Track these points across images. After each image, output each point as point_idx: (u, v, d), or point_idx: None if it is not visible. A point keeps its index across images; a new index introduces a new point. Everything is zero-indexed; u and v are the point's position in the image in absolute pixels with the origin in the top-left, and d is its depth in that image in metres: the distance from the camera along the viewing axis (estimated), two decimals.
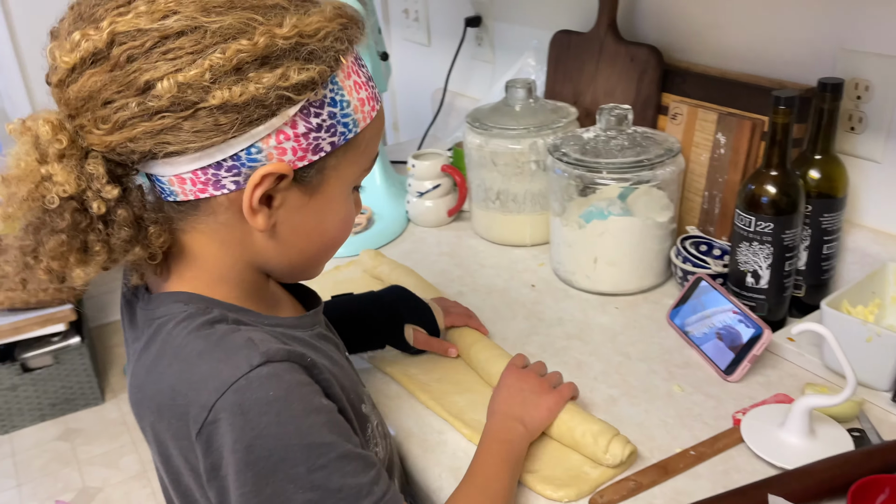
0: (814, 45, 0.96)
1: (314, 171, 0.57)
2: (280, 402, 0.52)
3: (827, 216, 0.91)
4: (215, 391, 0.51)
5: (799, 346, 0.88)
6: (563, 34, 1.27)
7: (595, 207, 1.01)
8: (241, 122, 0.52)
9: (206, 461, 0.53)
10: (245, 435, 0.51)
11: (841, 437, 0.74)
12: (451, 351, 0.90)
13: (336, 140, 0.56)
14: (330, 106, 0.55)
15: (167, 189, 0.56)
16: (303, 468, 0.52)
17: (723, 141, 1.03)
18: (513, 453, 0.71)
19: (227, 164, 0.54)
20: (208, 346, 0.54)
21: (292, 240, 0.60)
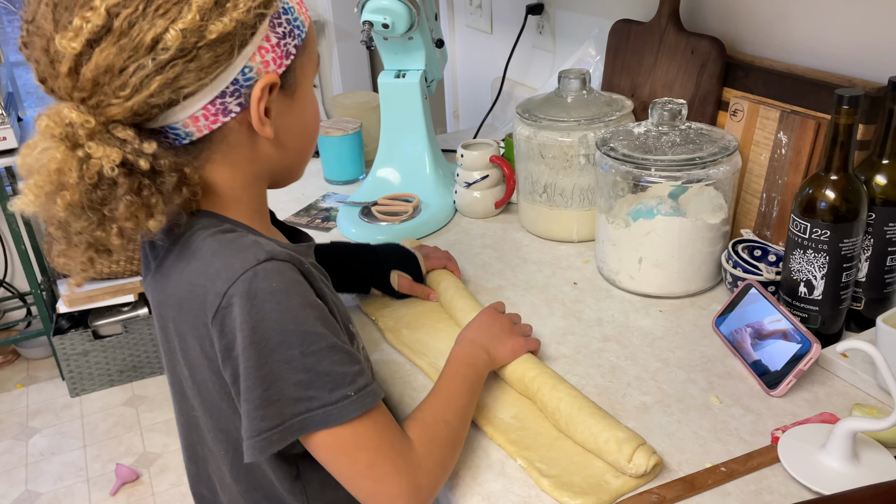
0: (887, 41, 0.89)
1: (290, 75, 0.65)
2: (281, 293, 0.59)
3: (893, 225, 0.84)
4: (227, 280, 0.59)
5: (852, 363, 0.83)
6: (624, 23, 1.23)
7: (644, 206, 0.97)
8: (233, 48, 0.59)
9: (220, 343, 0.60)
10: (251, 317, 0.58)
11: (888, 464, 0.69)
12: (430, 296, 1.00)
13: (297, 42, 0.64)
14: (284, 14, 0.63)
15: (182, 133, 0.62)
16: (297, 351, 0.59)
17: (784, 140, 0.97)
18: (475, 376, 0.78)
19: (229, 90, 0.61)
20: (221, 247, 0.62)
21: (289, 141, 0.68)
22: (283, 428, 0.60)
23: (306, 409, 0.60)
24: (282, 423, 0.60)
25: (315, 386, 0.60)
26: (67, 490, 2.04)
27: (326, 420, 0.60)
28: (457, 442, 0.72)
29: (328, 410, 0.60)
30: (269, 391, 0.59)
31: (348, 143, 1.45)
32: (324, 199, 1.41)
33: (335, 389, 0.61)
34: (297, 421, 0.60)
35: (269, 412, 0.60)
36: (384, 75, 1.32)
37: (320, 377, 0.60)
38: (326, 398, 0.60)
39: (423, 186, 1.31)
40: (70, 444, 2.21)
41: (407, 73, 1.31)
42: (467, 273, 1.10)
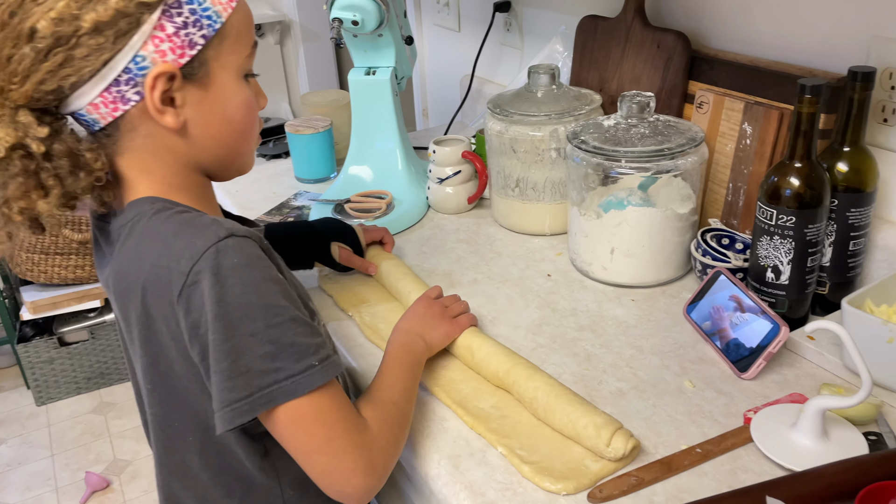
0: (847, 33, 0.92)
1: (198, 65, 0.65)
2: (244, 268, 0.62)
3: (854, 211, 0.87)
4: (191, 258, 0.61)
5: (819, 345, 0.85)
6: (590, 19, 1.24)
7: (614, 197, 0.99)
8: (116, 37, 0.60)
9: (186, 321, 0.62)
10: (216, 292, 0.60)
11: (855, 441, 0.71)
12: (370, 268, 1.04)
13: (206, 33, 0.64)
14: (188, 4, 0.63)
15: (90, 119, 0.65)
16: (261, 324, 0.61)
17: (749, 131, 1.00)
18: (415, 362, 0.81)
19: (123, 78, 0.62)
20: (181, 227, 0.64)
21: (208, 132, 0.68)
22: (252, 399, 0.61)
23: (273, 381, 0.62)
24: (250, 394, 0.61)
25: (281, 357, 0.62)
26: (36, 500, 2.00)
27: (294, 390, 0.62)
28: (405, 422, 0.75)
29: (295, 380, 0.62)
30: (237, 363, 0.61)
31: (319, 142, 1.45)
32: (295, 198, 1.40)
33: (300, 360, 0.63)
34: (267, 392, 0.62)
35: (238, 383, 0.61)
36: (354, 73, 1.32)
37: (285, 348, 0.62)
38: (293, 368, 0.62)
39: (396, 183, 1.32)
40: (37, 454, 2.16)
41: (377, 71, 1.31)
42: (442, 267, 1.11)
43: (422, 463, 0.76)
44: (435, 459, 0.75)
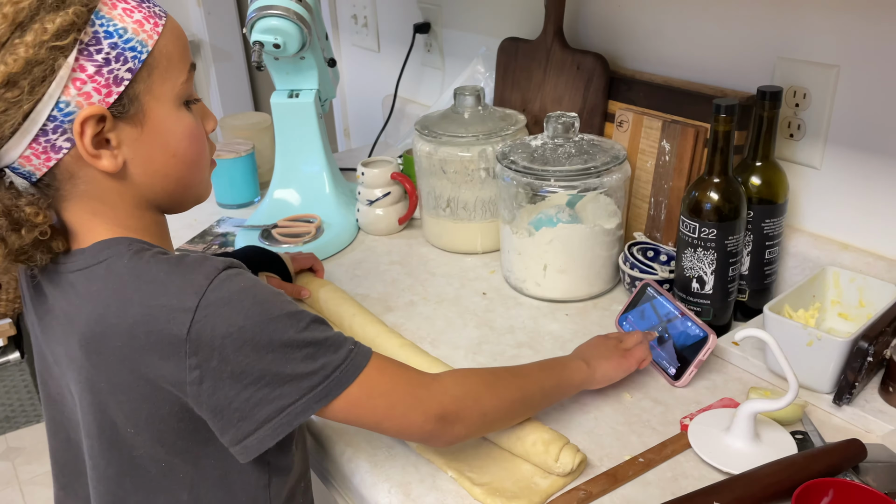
0: (753, 54, 0.98)
1: (128, 102, 0.61)
2: (251, 290, 0.61)
3: (768, 221, 0.93)
4: (195, 294, 0.58)
5: (743, 350, 0.90)
6: (511, 41, 1.27)
7: (544, 215, 1.02)
8: (31, 87, 0.56)
9: (195, 358, 0.58)
10: (235, 319, 0.59)
11: (785, 441, 0.75)
12: (303, 293, 1.03)
13: (132, 66, 0.60)
14: (107, 38, 0.59)
15: (26, 172, 0.61)
16: (292, 332, 0.61)
17: (667, 148, 1.04)
18: (563, 375, 0.80)
19: (49, 127, 0.59)
20: (171, 267, 0.61)
21: (152, 168, 0.65)
22: (305, 401, 0.61)
23: (323, 377, 0.62)
24: (301, 396, 0.61)
25: (321, 355, 0.62)
26: None
27: (345, 379, 0.63)
28: (502, 389, 0.73)
29: (343, 369, 0.63)
30: (281, 375, 0.60)
31: (241, 166, 1.41)
32: (218, 224, 1.37)
33: (338, 349, 0.63)
34: (320, 389, 0.62)
35: (286, 391, 0.60)
36: (277, 95, 1.30)
37: (321, 345, 0.62)
38: (336, 359, 0.63)
39: (324, 206, 1.30)
40: None
41: (300, 93, 1.29)
42: (377, 290, 1.11)
43: (371, 493, 0.75)
44: (385, 488, 0.74)
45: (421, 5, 1.56)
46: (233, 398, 0.60)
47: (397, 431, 0.68)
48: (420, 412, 0.66)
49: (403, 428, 0.67)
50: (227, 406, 0.60)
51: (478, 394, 0.71)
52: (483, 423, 0.71)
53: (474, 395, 0.70)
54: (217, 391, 0.60)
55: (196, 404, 0.61)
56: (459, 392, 0.70)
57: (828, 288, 0.91)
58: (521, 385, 0.75)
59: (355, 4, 1.78)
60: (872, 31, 0.86)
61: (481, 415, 0.70)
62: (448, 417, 0.67)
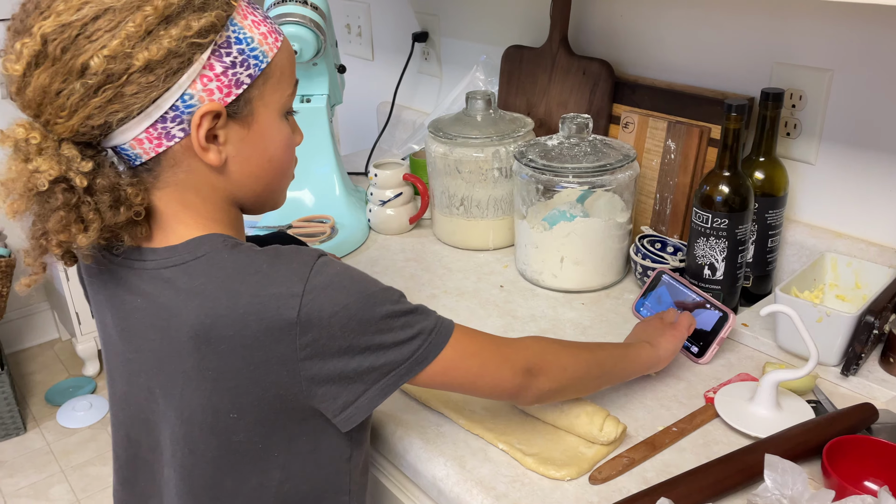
0: (751, 60, 1.07)
1: (242, 104, 0.66)
2: (346, 272, 0.66)
3: (771, 213, 1.01)
4: (300, 280, 0.63)
5: (753, 331, 0.97)
6: (515, 49, 1.34)
7: (558, 210, 1.08)
8: (166, 75, 0.61)
9: (305, 337, 0.63)
10: (338, 300, 0.63)
11: (803, 408, 0.83)
12: None
13: (252, 72, 0.66)
14: (237, 44, 0.64)
15: (132, 154, 0.65)
16: (389, 304, 0.66)
17: (672, 147, 1.12)
18: (631, 352, 0.85)
19: (169, 115, 0.63)
20: (271, 258, 0.65)
21: (247, 170, 0.69)
22: (410, 363, 0.67)
23: (423, 341, 0.67)
24: (405, 359, 0.67)
25: (415, 323, 0.67)
26: None
27: (440, 341, 0.68)
28: (583, 357, 0.79)
29: (437, 331, 0.68)
30: (384, 343, 0.65)
31: None
32: None
33: (428, 316, 0.69)
34: (420, 353, 0.67)
35: (391, 357, 0.66)
36: None
37: (413, 313, 0.68)
38: (429, 325, 0.68)
39: (336, 207, 1.34)
40: None
41: (312, 98, 1.33)
42: (398, 285, 1.13)
43: (427, 467, 0.79)
44: (441, 462, 0.79)
45: (418, 15, 1.62)
46: (342, 367, 0.64)
47: (491, 389, 0.73)
48: (509, 367, 0.72)
49: (496, 384, 0.72)
50: (339, 375, 0.65)
51: (556, 350, 0.77)
52: (564, 377, 0.76)
53: (553, 351, 0.77)
54: (328, 363, 0.64)
55: (307, 379, 0.64)
56: (539, 348, 0.76)
57: (826, 272, 0.99)
58: (594, 350, 0.82)
59: (349, 14, 1.82)
60: (863, 38, 0.95)
61: (562, 368, 0.76)
62: (533, 370, 0.73)
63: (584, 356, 0.79)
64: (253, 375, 0.65)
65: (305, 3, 1.22)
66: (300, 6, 1.21)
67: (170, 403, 0.69)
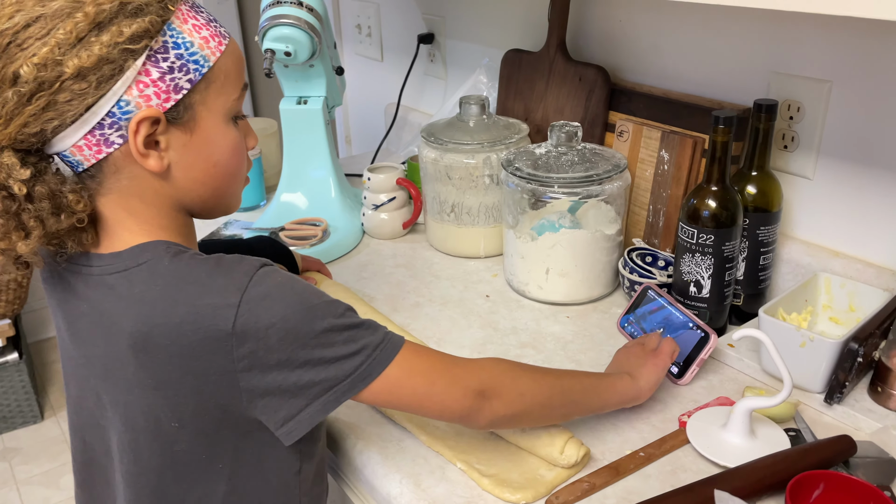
0: (749, 69, 1.03)
1: (183, 109, 0.65)
2: (288, 283, 0.65)
3: (763, 229, 0.97)
4: (238, 290, 0.62)
5: (738, 352, 0.93)
6: (515, 53, 1.31)
7: (547, 220, 1.05)
8: (99, 82, 0.60)
9: (241, 349, 0.62)
10: (276, 311, 0.62)
11: (778, 437, 0.79)
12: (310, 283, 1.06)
13: (192, 77, 0.65)
14: (175, 49, 0.64)
15: (74, 161, 0.64)
16: (331, 318, 0.64)
17: (666, 157, 1.08)
18: (603, 383, 0.81)
19: (106, 122, 0.62)
20: (212, 267, 0.65)
21: (192, 175, 0.69)
22: (351, 379, 0.65)
23: (366, 357, 0.66)
24: (346, 376, 0.65)
25: (359, 337, 0.66)
26: None
27: (385, 357, 0.66)
28: (544, 382, 0.75)
29: (381, 348, 0.67)
30: (325, 358, 0.64)
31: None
32: (226, 227, 1.39)
33: (375, 331, 0.67)
34: (364, 369, 0.65)
35: (331, 373, 0.64)
36: (286, 102, 1.33)
37: (359, 328, 0.66)
38: (374, 340, 0.66)
39: (330, 210, 1.33)
40: None
41: (309, 100, 1.33)
42: (383, 292, 1.14)
43: (383, 483, 0.78)
44: (396, 479, 0.77)
45: (425, 16, 1.60)
46: (281, 381, 0.63)
47: (440, 410, 0.70)
48: (459, 387, 0.69)
49: (445, 405, 0.70)
50: (277, 388, 0.64)
51: (515, 375, 0.74)
52: (521, 403, 0.72)
53: (512, 375, 0.73)
54: (266, 376, 0.63)
55: (247, 391, 0.64)
56: (496, 371, 0.73)
57: (819, 293, 0.95)
58: (561, 377, 0.78)
59: (359, 14, 1.82)
60: (864, 48, 0.90)
61: (519, 394, 0.72)
62: (486, 393, 0.70)
63: (548, 382, 0.75)
64: (193, 385, 0.64)
65: (300, 5, 1.21)
66: (295, 8, 1.21)
67: (116, 410, 0.69)
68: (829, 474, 0.68)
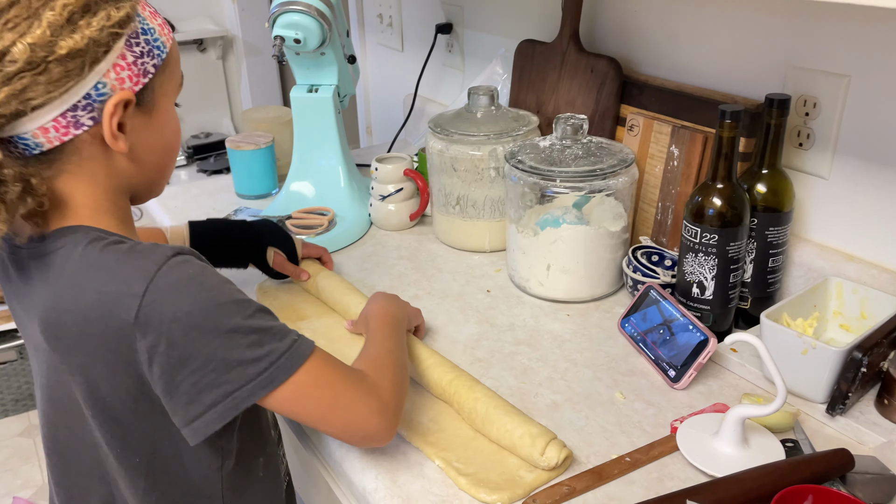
0: (765, 62, 0.98)
1: (148, 92, 0.67)
2: (200, 276, 0.63)
3: (773, 230, 0.92)
4: (144, 279, 0.61)
5: (741, 357, 0.89)
6: (528, 43, 1.28)
7: (550, 215, 1.02)
8: (85, 64, 0.61)
9: (144, 341, 0.61)
10: (182, 305, 0.61)
11: (773, 447, 0.75)
12: (303, 275, 1.06)
13: (156, 62, 0.67)
14: (143, 34, 0.65)
15: (32, 143, 0.63)
16: (239, 318, 0.63)
17: (676, 153, 1.04)
18: (395, 324, 0.85)
19: (81, 104, 0.62)
20: (123, 254, 0.63)
21: (147, 156, 0.70)
22: (252, 385, 0.63)
23: (269, 363, 0.64)
24: (247, 381, 0.63)
25: (266, 342, 0.64)
26: None
27: (291, 365, 0.65)
28: (403, 367, 0.78)
29: (288, 356, 0.65)
30: (228, 360, 0.62)
31: (260, 158, 1.44)
32: (235, 214, 1.40)
33: (284, 338, 0.66)
34: (266, 375, 0.64)
35: (232, 376, 0.62)
36: (296, 90, 1.32)
37: (267, 333, 0.64)
38: (281, 347, 0.65)
39: (338, 200, 1.33)
40: None
41: (320, 88, 1.32)
42: (383, 283, 1.12)
43: (360, 478, 0.77)
44: (373, 474, 0.76)
45: (444, 6, 1.58)
46: (181, 382, 0.62)
47: (343, 425, 0.69)
48: (364, 403, 0.69)
49: (350, 421, 0.69)
50: (176, 389, 0.62)
51: (398, 379, 0.75)
52: (403, 403, 0.75)
53: (397, 382, 0.75)
54: (165, 374, 0.62)
55: (153, 383, 0.63)
56: (387, 383, 0.73)
57: (830, 298, 0.90)
58: (401, 350, 0.82)
59: (381, 4, 1.80)
60: (884, 42, 0.85)
61: (404, 395, 0.75)
62: (387, 409, 0.71)
63: (403, 371, 0.78)
64: (103, 373, 0.64)
65: None
66: None
67: (43, 393, 0.71)
68: (819, 489, 0.65)
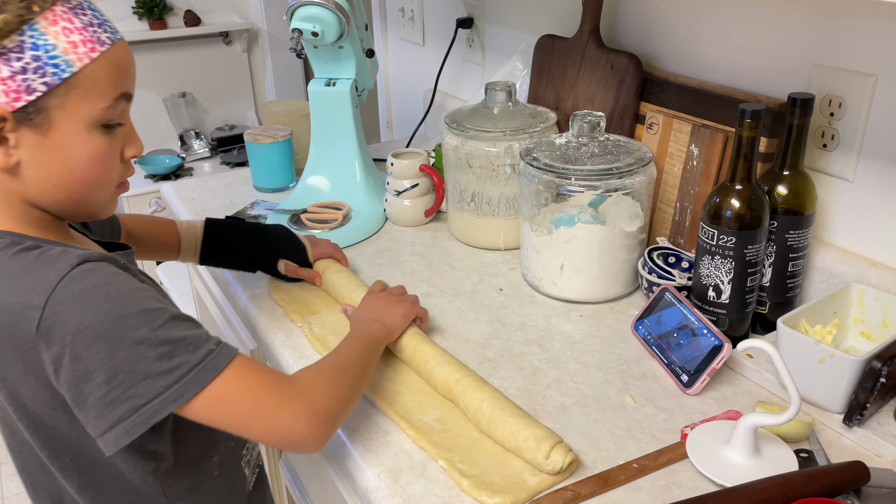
0: (789, 60, 0.95)
1: (35, 111, 0.63)
2: (105, 286, 0.62)
3: (793, 233, 0.90)
4: (45, 291, 0.60)
5: (757, 363, 0.87)
6: (548, 39, 1.27)
7: (565, 214, 1.01)
8: None
9: (48, 354, 0.60)
10: (84, 317, 0.59)
11: (786, 458, 0.73)
12: (316, 279, 1.05)
13: (49, 80, 0.62)
14: (32, 50, 0.61)
15: None
16: (146, 329, 0.61)
17: (696, 153, 1.02)
18: (369, 340, 0.83)
19: None
20: (29, 263, 0.62)
21: (43, 177, 0.66)
22: (161, 399, 0.62)
23: (179, 377, 0.62)
24: (156, 395, 0.61)
25: (178, 354, 0.62)
26: None
27: (202, 378, 0.63)
28: (351, 377, 0.75)
29: (200, 368, 0.63)
30: (133, 373, 0.60)
31: (278, 151, 1.44)
32: (252, 207, 1.40)
33: (198, 349, 0.64)
34: (175, 389, 0.62)
35: (140, 390, 0.61)
36: (314, 83, 1.32)
37: (178, 344, 0.63)
38: (193, 359, 0.63)
39: (354, 194, 1.32)
40: None
41: (337, 82, 1.31)
42: (395, 279, 1.11)
43: (362, 476, 0.76)
44: (375, 472, 0.75)
45: (465, 0, 1.56)
46: (88, 395, 0.61)
47: (267, 432, 0.67)
48: (289, 409, 0.67)
49: (274, 427, 0.67)
50: (84, 402, 0.61)
51: (336, 385, 0.73)
52: (343, 412, 0.73)
53: (334, 387, 0.72)
54: (72, 386, 0.61)
55: (63, 394, 0.62)
56: (321, 388, 0.71)
57: (851, 305, 0.88)
58: (359, 363, 0.78)
59: None
60: None
61: (344, 404, 0.73)
62: (317, 415, 0.68)
63: (351, 376, 0.75)
64: (19, 380, 0.63)
65: None
66: None
67: None
68: (829, 502, 0.62)
